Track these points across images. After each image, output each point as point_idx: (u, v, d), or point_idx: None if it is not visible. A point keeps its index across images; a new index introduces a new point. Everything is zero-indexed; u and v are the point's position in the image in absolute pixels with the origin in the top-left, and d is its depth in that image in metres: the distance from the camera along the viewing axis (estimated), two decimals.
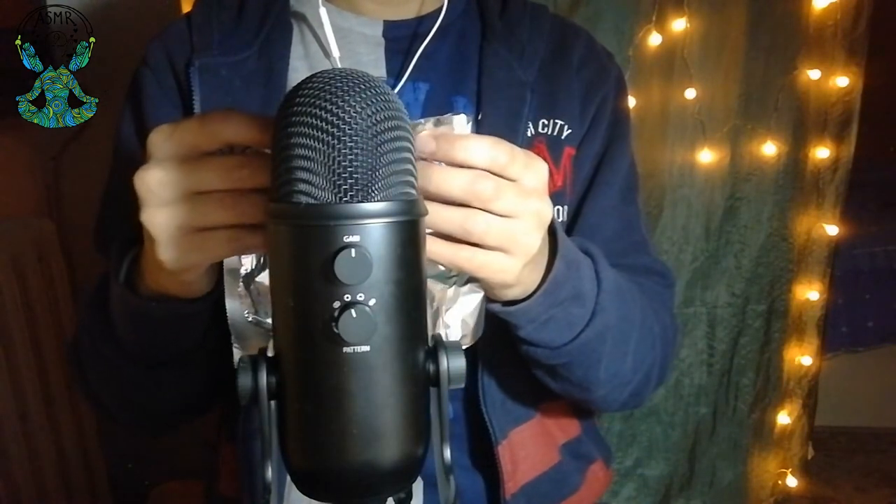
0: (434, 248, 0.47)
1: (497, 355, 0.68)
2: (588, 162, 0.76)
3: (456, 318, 0.57)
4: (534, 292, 0.56)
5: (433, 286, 0.55)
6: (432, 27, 0.74)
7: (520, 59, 0.74)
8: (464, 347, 0.57)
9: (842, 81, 1.60)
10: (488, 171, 0.46)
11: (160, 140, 0.46)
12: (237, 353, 0.53)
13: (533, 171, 0.49)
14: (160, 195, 0.46)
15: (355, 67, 0.40)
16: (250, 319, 0.53)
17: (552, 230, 0.56)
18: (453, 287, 0.56)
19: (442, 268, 0.53)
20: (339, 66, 0.70)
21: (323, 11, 0.69)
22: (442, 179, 0.46)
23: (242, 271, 0.53)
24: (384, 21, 0.74)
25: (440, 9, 0.75)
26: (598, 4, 1.48)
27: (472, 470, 0.75)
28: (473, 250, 0.48)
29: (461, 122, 0.51)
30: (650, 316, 0.72)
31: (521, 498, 0.73)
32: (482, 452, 0.73)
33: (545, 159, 0.73)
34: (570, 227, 0.76)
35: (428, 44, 0.73)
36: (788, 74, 1.59)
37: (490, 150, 0.46)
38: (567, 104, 0.75)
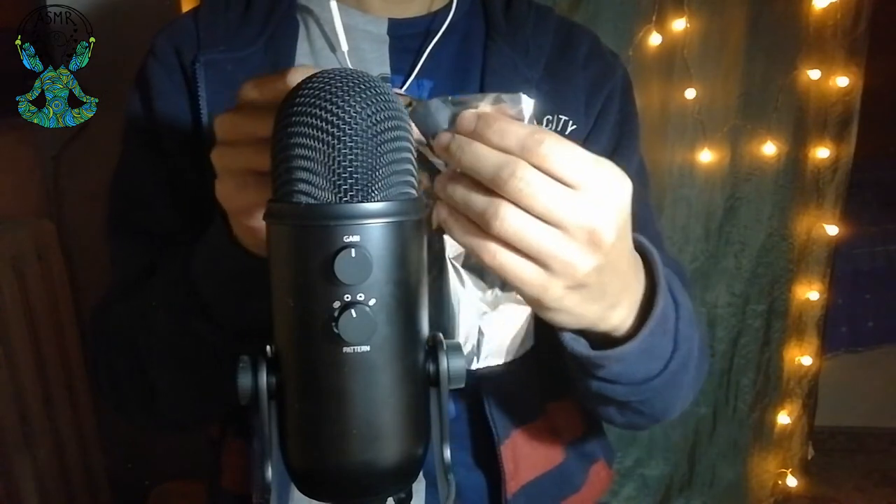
0: (452, 223, 0.45)
1: None
2: None
3: (495, 328, 0.52)
4: (633, 331, 0.52)
5: (472, 293, 0.51)
6: (438, 26, 0.74)
7: (524, 57, 0.74)
8: (500, 363, 0.54)
9: (842, 81, 1.60)
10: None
11: (247, 89, 0.49)
12: None
13: (600, 181, 0.42)
14: (231, 135, 0.48)
15: (359, 64, 0.40)
16: None
17: (644, 253, 0.52)
18: (493, 290, 0.52)
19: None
20: (348, 60, 0.71)
21: (333, 5, 0.70)
22: (475, 153, 0.42)
23: None
24: (389, 19, 0.75)
25: (446, 8, 0.75)
26: (598, 4, 1.49)
27: (474, 468, 0.75)
28: (497, 247, 0.43)
29: (526, 103, 0.46)
30: (700, 328, 0.68)
31: (522, 497, 0.73)
32: (485, 451, 0.73)
33: None
34: None
35: (434, 43, 0.73)
36: (788, 74, 1.59)
37: (527, 136, 0.41)
38: (572, 100, 0.74)
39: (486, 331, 0.53)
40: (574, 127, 0.73)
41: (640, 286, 0.53)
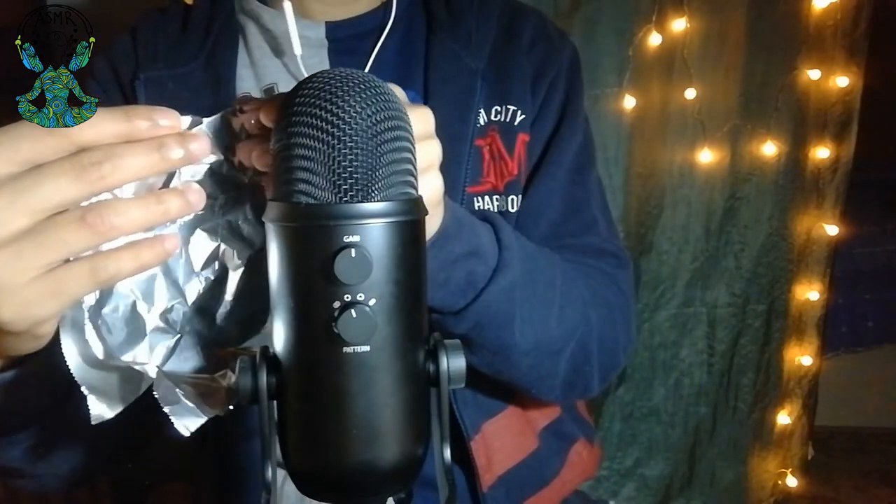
0: None
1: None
2: (540, 145, 0.76)
3: None
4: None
5: None
6: (376, 24, 0.74)
7: (467, 47, 0.74)
8: None
9: (842, 81, 1.60)
10: None
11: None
12: (95, 404, 0.44)
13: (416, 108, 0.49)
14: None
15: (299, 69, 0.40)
16: (101, 357, 0.45)
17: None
18: None
19: None
20: (300, 64, 0.71)
21: (287, 6, 0.69)
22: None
23: (85, 306, 0.44)
24: (326, 22, 0.74)
25: (383, 7, 0.74)
26: (598, 4, 1.48)
27: (451, 464, 0.75)
28: None
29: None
30: (579, 285, 0.69)
31: (500, 489, 0.73)
32: (458, 445, 0.72)
33: (498, 148, 0.72)
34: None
35: (373, 41, 0.73)
36: (788, 74, 1.59)
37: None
38: (519, 89, 0.74)
39: None
40: (523, 116, 0.73)
41: None
